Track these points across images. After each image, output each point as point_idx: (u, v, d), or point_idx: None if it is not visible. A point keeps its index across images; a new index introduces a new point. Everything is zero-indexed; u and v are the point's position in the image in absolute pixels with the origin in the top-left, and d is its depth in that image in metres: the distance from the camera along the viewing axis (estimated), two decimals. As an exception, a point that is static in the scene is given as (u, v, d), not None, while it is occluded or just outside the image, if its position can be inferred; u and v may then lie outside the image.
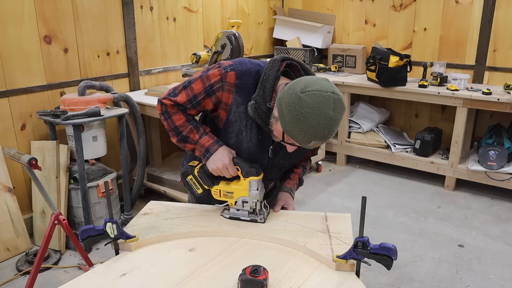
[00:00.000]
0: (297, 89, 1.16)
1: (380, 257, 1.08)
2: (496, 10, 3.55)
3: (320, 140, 1.18)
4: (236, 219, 1.42)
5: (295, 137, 1.19)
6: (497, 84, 3.63)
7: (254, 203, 1.38)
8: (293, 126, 1.16)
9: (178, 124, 1.44)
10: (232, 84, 1.35)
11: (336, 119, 1.15)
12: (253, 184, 1.36)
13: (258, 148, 1.41)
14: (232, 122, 1.39)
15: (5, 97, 2.60)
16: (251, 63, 1.39)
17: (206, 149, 1.41)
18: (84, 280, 1.12)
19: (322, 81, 1.18)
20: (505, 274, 2.47)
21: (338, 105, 1.15)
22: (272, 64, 1.33)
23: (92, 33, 2.99)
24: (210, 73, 1.38)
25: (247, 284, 1.04)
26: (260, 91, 1.31)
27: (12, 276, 2.42)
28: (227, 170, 1.38)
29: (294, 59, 1.39)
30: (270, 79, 1.31)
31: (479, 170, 3.38)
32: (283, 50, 4.47)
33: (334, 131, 1.18)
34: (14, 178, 2.68)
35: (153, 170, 3.36)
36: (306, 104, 1.13)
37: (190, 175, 1.44)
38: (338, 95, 1.16)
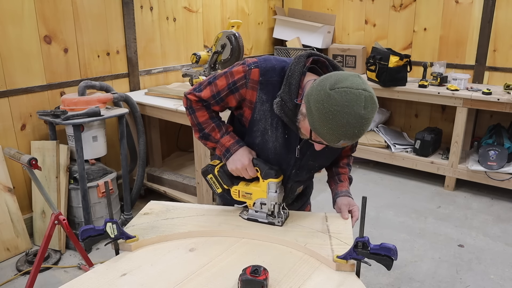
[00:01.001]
0: (326, 85, 1.10)
1: (380, 257, 1.08)
2: (496, 10, 3.55)
3: (350, 140, 1.12)
4: (254, 220, 1.40)
5: (323, 136, 1.14)
6: (497, 84, 3.63)
7: (272, 205, 1.35)
8: (321, 124, 1.11)
9: (201, 120, 1.43)
10: (256, 82, 1.31)
11: (367, 117, 1.09)
12: (272, 186, 1.34)
13: (284, 148, 1.37)
14: (257, 120, 1.36)
15: (5, 97, 2.60)
16: (276, 59, 1.34)
17: (226, 149, 1.39)
18: (84, 280, 1.12)
19: (353, 77, 1.11)
20: (505, 274, 2.47)
21: (369, 103, 1.09)
22: (297, 60, 1.28)
23: (92, 33, 2.99)
24: (234, 69, 1.35)
25: (247, 284, 1.04)
26: (285, 87, 1.26)
27: (12, 276, 2.42)
28: (246, 171, 1.36)
29: (322, 55, 1.33)
30: (296, 75, 1.26)
31: (479, 170, 3.38)
32: (283, 50, 4.47)
33: (365, 131, 1.12)
34: (14, 178, 2.68)
35: (153, 170, 3.36)
36: (336, 102, 1.07)
37: (210, 174, 1.43)
38: (370, 93, 1.10)
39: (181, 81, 3.57)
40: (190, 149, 3.46)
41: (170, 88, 3.19)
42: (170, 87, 3.24)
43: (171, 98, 3.04)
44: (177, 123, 2.98)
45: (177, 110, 2.77)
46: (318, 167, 1.50)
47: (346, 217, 1.42)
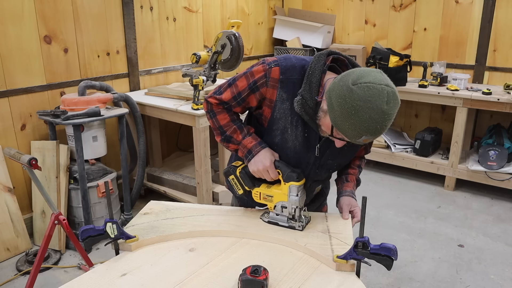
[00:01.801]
0: (349, 80, 1.10)
1: (381, 257, 1.08)
2: (496, 10, 3.55)
3: (372, 136, 1.12)
4: (275, 224, 1.39)
5: (345, 132, 1.13)
6: (497, 84, 3.63)
7: (293, 209, 1.34)
8: (343, 120, 1.11)
9: (223, 123, 1.43)
10: (276, 80, 1.31)
11: (390, 113, 1.09)
12: (293, 189, 1.32)
13: (304, 147, 1.37)
14: (277, 119, 1.36)
15: (5, 97, 2.60)
16: (296, 58, 1.34)
17: (248, 150, 1.38)
18: (84, 280, 1.12)
19: (375, 73, 1.11)
20: (505, 274, 2.47)
21: (392, 98, 1.08)
22: (318, 58, 1.29)
23: (92, 33, 2.99)
24: (254, 69, 1.36)
25: (247, 284, 1.04)
26: (306, 85, 1.26)
27: (12, 276, 2.42)
28: (267, 173, 1.35)
29: (342, 54, 1.33)
30: (316, 73, 1.26)
31: (479, 170, 3.38)
32: (283, 50, 4.47)
33: (387, 126, 1.11)
34: (14, 178, 2.68)
35: (153, 170, 3.36)
36: (358, 97, 1.07)
37: (232, 175, 1.43)
38: (392, 88, 1.10)
39: (181, 81, 3.57)
40: (190, 149, 3.46)
41: (170, 88, 3.19)
42: (170, 87, 3.24)
43: (171, 98, 3.04)
44: (177, 123, 2.98)
45: (177, 110, 2.77)
46: (337, 166, 1.49)
47: (346, 217, 1.42)
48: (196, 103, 2.71)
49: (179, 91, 3.06)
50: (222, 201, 2.93)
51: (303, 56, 1.38)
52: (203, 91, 2.85)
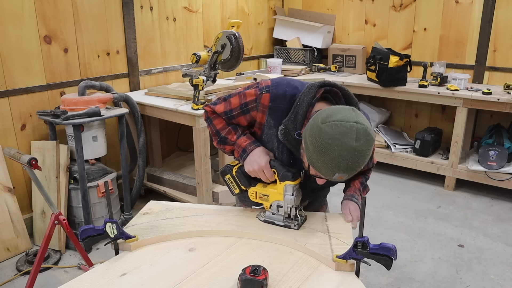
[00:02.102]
0: (319, 119, 1.12)
1: (380, 257, 1.08)
2: (496, 10, 3.55)
3: (344, 173, 1.12)
4: (271, 223, 1.39)
5: (319, 169, 1.15)
6: (497, 84, 3.63)
7: (289, 208, 1.34)
8: (316, 158, 1.12)
9: (219, 127, 1.46)
10: (266, 106, 1.35)
11: (360, 150, 1.08)
12: (289, 188, 1.33)
13: None
14: (265, 142, 1.40)
15: (5, 97, 2.60)
16: (289, 85, 1.35)
17: (243, 149, 1.40)
18: (84, 280, 1.12)
19: (346, 111, 1.12)
20: (505, 274, 2.47)
21: (362, 135, 1.08)
22: (308, 90, 1.29)
23: (92, 33, 2.99)
24: (248, 91, 1.39)
25: (247, 284, 1.04)
26: (291, 116, 1.28)
27: (12, 276, 2.42)
28: (263, 173, 1.35)
29: (336, 85, 1.32)
30: (304, 106, 1.27)
31: (479, 170, 3.38)
32: (283, 50, 4.47)
33: (360, 164, 1.11)
34: (14, 178, 2.68)
35: (153, 170, 3.36)
36: (327, 135, 1.08)
37: (228, 174, 1.44)
38: (363, 125, 1.09)
39: (181, 81, 3.57)
40: (190, 149, 3.46)
41: (170, 88, 3.19)
42: (170, 87, 3.24)
43: (171, 98, 3.04)
44: (177, 123, 2.98)
45: (177, 110, 2.77)
46: (322, 188, 1.50)
47: (347, 220, 1.42)
48: (196, 103, 2.71)
49: (179, 91, 3.06)
50: (222, 201, 2.94)
51: (299, 82, 1.38)
52: (203, 91, 2.85)
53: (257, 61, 4.58)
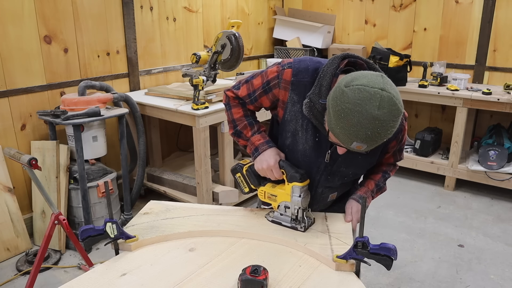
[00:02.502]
0: (343, 82, 1.06)
1: (380, 257, 1.08)
2: (496, 10, 3.55)
3: (363, 142, 1.05)
4: (278, 223, 1.38)
5: (337, 136, 1.09)
6: (497, 84, 3.63)
7: (296, 210, 1.32)
8: (335, 123, 1.07)
9: (236, 117, 1.44)
10: (288, 82, 1.30)
11: (382, 119, 1.01)
12: (296, 190, 1.31)
13: (314, 151, 1.34)
14: (287, 121, 1.35)
15: (5, 97, 2.60)
16: (312, 60, 1.31)
17: (255, 148, 1.39)
18: (84, 280, 1.12)
19: (373, 76, 1.05)
20: (505, 274, 2.47)
21: (386, 103, 1.01)
22: (331, 61, 1.24)
23: (92, 33, 2.99)
24: (269, 69, 1.35)
25: (247, 284, 1.04)
26: (316, 89, 1.23)
27: (12, 276, 2.42)
28: (271, 172, 1.34)
29: (360, 57, 1.26)
30: (327, 77, 1.22)
31: (479, 170, 3.38)
32: (283, 50, 4.47)
33: (382, 135, 1.04)
34: (14, 178, 2.68)
35: (153, 170, 3.36)
36: (348, 99, 1.02)
37: (238, 172, 1.44)
38: (389, 93, 1.02)
39: (181, 81, 3.57)
40: (190, 149, 3.46)
41: (170, 88, 3.19)
42: (170, 87, 3.24)
43: (171, 98, 3.04)
44: (177, 123, 2.98)
45: (177, 110, 2.77)
46: (352, 175, 1.42)
47: (347, 220, 1.40)
48: (196, 103, 2.71)
49: (179, 91, 3.06)
50: (222, 201, 2.93)
51: (321, 59, 1.34)
52: (203, 91, 2.85)
53: (257, 61, 4.58)
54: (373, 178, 1.50)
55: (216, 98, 2.92)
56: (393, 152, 1.44)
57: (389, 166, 1.53)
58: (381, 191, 1.53)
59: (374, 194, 1.49)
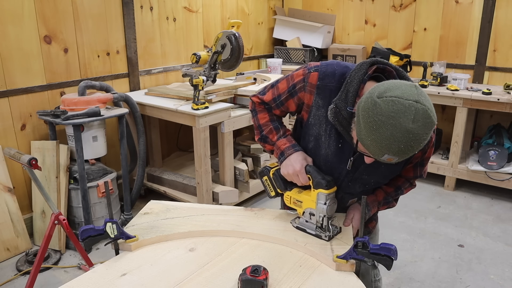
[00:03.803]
0: (375, 93, 1.03)
1: (380, 257, 1.08)
2: (496, 10, 3.55)
3: (395, 155, 1.03)
4: (303, 230, 1.34)
5: (368, 147, 1.06)
6: (497, 84, 3.63)
7: (321, 217, 1.27)
8: (366, 135, 1.04)
9: (262, 122, 1.43)
10: (313, 85, 1.28)
11: (416, 133, 0.98)
12: (321, 197, 1.26)
13: (336, 157, 1.31)
14: (311, 125, 1.32)
15: (5, 97, 2.60)
16: (339, 65, 1.29)
17: (281, 152, 1.36)
18: (84, 280, 1.12)
19: (407, 87, 1.01)
20: (505, 274, 2.47)
21: (421, 116, 0.98)
22: (359, 67, 1.21)
23: (92, 33, 2.99)
24: (295, 73, 1.34)
25: (247, 284, 1.04)
26: (342, 94, 1.20)
27: (12, 276, 2.42)
28: (297, 177, 1.30)
29: (390, 64, 1.23)
30: (355, 83, 1.19)
31: (479, 170, 3.38)
32: (283, 50, 4.47)
33: (414, 148, 1.01)
34: (14, 178, 2.68)
35: (153, 170, 3.36)
36: (381, 111, 0.99)
37: (265, 176, 1.41)
38: (424, 105, 0.98)
39: (181, 81, 3.57)
40: (190, 149, 3.46)
41: (170, 88, 3.19)
42: (170, 87, 3.24)
43: (171, 98, 3.04)
44: (177, 123, 2.98)
45: (177, 110, 2.77)
46: (374, 183, 1.38)
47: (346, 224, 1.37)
48: (196, 103, 2.71)
49: (179, 91, 3.06)
50: (222, 201, 2.93)
51: (349, 63, 1.32)
52: (203, 91, 2.85)
53: (257, 61, 4.58)
54: (384, 190, 1.45)
55: (216, 98, 2.93)
56: (414, 164, 1.38)
57: (405, 182, 1.46)
58: (389, 206, 1.47)
59: (380, 206, 1.44)
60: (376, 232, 1.62)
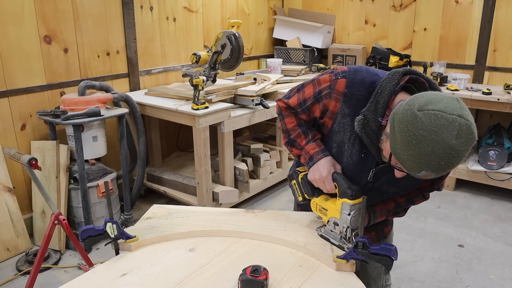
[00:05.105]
0: (415, 105, 0.96)
1: (381, 257, 1.08)
2: (496, 10, 3.55)
3: (433, 172, 0.97)
4: (326, 239, 1.29)
5: (403, 162, 1.00)
6: (497, 84, 3.63)
7: (344, 228, 1.21)
8: (403, 149, 0.97)
9: (289, 127, 1.39)
10: (340, 93, 1.22)
11: (458, 150, 0.93)
12: (345, 207, 1.20)
13: (358, 166, 1.27)
14: (335, 132, 1.27)
15: (5, 97, 2.60)
16: (368, 72, 1.22)
17: (310, 157, 1.31)
18: (84, 280, 1.12)
19: (449, 100, 0.96)
20: (505, 274, 2.47)
21: (464, 133, 0.93)
22: (391, 77, 1.15)
23: (92, 33, 2.99)
24: (322, 77, 1.28)
25: (248, 284, 1.04)
26: (371, 105, 1.14)
27: (12, 276, 2.42)
28: (323, 184, 1.26)
29: (423, 75, 1.17)
30: (386, 94, 1.13)
31: (479, 170, 3.38)
32: (283, 50, 4.47)
33: (454, 164, 0.96)
34: (14, 178, 2.68)
35: (153, 170, 3.36)
36: (422, 125, 0.93)
37: (294, 180, 1.39)
38: (467, 121, 0.94)
39: (181, 81, 3.57)
40: (190, 149, 3.46)
41: (170, 88, 3.19)
42: (170, 87, 3.24)
43: (171, 98, 3.04)
44: (177, 123, 2.98)
45: (177, 110, 2.77)
46: (392, 193, 1.34)
47: None
48: (196, 103, 2.71)
49: (179, 91, 3.06)
50: (222, 201, 2.94)
51: (379, 71, 1.25)
52: (203, 91, 2.85)
53: (257, 61, 4.58)
54: (395, 200, 1.40)
55: (216, 98, 2.93)
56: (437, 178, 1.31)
57: (418, 194, 1.39)
58: (397, 215, 1.44)
59: (389, 215, 1.40)
60: (391, 236, 1.60)
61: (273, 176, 3.45)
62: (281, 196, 3.50)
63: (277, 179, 3.51)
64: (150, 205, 1.57)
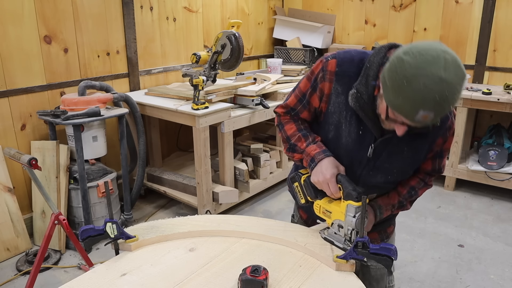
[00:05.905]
0: (400, 51, 1.01)
1: (380, 257, 1.08)
2: (496, 10, 3.55)
3: (430, 110, 0.97)
4: (330, 242, 1.27)
5: (400, 109, 1.02)
6: (497, 84, 3.63)
7: (349, 231, 1.19)
8: (396, 95, 1.00)
9: (289, 133, 1.39)
10: (332, 73, 1.26)
11: (450, 81, 0.94)
12: (350, 209, 1.19)
13: (357, 145, 1.28)
14: (331, 113, 1.29)
15: (5, 97, 2.60)
16: (356, 51, 1.27)
17: (311, 158, 1.30)
18: (84, 280, 1.12)
19: (431, 42, 1.00)
20: (505, 274, 2.47)
21: (451, 65, 0.95)
22: (378, 51, 1.19)
23: (92, 33, 2.99)
24: (313, 67, 1.33)
25: (247, 284, 1.04)
26: (362, 79, 1.19)
27: (12, 276, 2.42)
28: (327, 186, 1.24)
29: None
30: (374, 66, 1.17)
31: (479, 170, 3.38)
32: (283, 50, 4.47)
33: (449, 99, 0.96)
34: (14, 178, 2.68)
35: (153, 170, 3.36)
36: (409, 65, 0.96)
37: (296, 182, 1.37)
38: (452, 55, 0.96)
39: (181, 81, 3.57)
40: (190, 149, 3.46)
41: (170, 88, 3.19)
42: (170, 87, 3.24)
43: (171, 98, 3.04)
44: (177, 123, 2.98)
45: (177, 110, 2.77)
46: (396, 173, 1.32)
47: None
48: (196, 103, 2.71)
49: (179, 91, 3.06)
50: (222, 201, 2.94)
51: (367, 50, 1.30)
52: (203, 91, 2.85)
53: (257, 61, 4.58)
54: (398, 191, 1.40)
55: (216, 98, 2.93)
56: (434, 154, 1.34)
57: (419, 182, 1.41)
58: (403, 209, 1.44)
59: (394, 209, 1.40)
60: (393, 237, 1.60)
61: (273, 176, 3.45)
62: (281, 196, 3.50)
63: (277, 179, 3.51)
64: (150, 205, 1.58)
